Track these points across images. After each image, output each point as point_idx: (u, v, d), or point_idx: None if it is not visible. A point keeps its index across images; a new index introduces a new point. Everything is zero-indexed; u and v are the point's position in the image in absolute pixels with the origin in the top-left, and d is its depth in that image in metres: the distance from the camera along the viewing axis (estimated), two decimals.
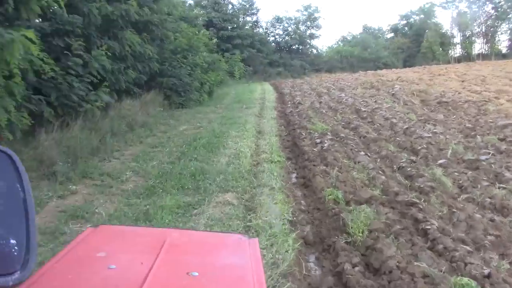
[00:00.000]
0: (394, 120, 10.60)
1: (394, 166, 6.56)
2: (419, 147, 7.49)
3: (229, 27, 33.40)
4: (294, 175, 6.89)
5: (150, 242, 1.46)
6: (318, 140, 8.36)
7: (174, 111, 13.79)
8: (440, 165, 6.41)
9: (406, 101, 14.92)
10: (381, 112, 12.20)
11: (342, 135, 8.91)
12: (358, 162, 6.71)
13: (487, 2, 40.91)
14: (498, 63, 29.92)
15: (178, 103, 14.89)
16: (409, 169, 6.17)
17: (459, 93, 15.74)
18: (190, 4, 30.17)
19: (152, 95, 13.12)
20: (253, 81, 30.04)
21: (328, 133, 9.08)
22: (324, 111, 13.01)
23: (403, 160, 6.69)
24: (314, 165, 6.62)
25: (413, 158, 6.95)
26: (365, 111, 12.43)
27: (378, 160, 7.03)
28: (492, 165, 6.33)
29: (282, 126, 11.36)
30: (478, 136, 8.49)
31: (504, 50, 40.97)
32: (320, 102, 15.39)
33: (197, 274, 1.18)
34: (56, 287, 1.14)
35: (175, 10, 18.29)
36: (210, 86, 17.33)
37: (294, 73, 37.53)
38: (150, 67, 12.69)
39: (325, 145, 7.83)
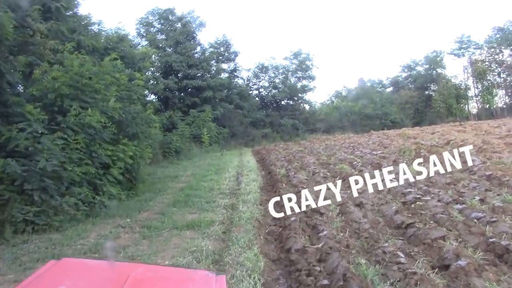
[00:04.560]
0: None
1: None
2: None
3: (197, 74, 24.90)
4: None
5: (113, 276, 1.43)
6: None
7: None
8: None
9: None
10: None
11: None
12: None
13: (507, 47, 34.06)
14: None
15: (23, 220, 6.27)
16: None
17: None
18: (140, 44, 21.97)
19: None
20: (230, 148, 21.32)
21: None
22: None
23: None
24: None
25: None
26: None
27: None
28: None
29: None
30: None
31: None
32: (363, 210, 6.65)
33: None
34: None
35: (83, 32, 10.16)
36: (128, 167, 8.53)
37: (284, 135, 28.89)
38: None
39: None
